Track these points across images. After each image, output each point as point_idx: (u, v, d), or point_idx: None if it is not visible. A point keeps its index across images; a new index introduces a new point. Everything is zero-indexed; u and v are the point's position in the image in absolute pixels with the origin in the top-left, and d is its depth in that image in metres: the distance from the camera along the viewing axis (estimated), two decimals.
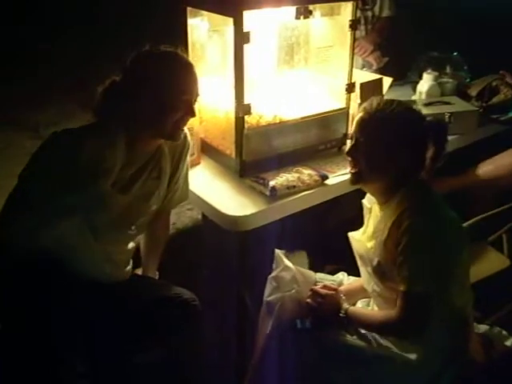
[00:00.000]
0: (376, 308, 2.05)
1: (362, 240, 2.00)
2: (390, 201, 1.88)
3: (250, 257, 2.32)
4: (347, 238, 2.08)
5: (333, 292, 2.02)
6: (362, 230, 2.06)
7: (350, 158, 1.93)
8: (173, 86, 1.90)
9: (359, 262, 2.05)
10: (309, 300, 2.01)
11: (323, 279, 2.23)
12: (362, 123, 1.88)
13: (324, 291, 2.02)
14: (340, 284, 2.22)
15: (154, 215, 2.16)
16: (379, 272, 1.89)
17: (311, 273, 2.22)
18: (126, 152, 1.93)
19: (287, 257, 2.15)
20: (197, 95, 1.99)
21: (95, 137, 1.86)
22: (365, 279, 2.03)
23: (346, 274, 2.27)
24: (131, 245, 2.13)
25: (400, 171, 1.86)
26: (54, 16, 7.09)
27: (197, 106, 2.00)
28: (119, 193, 1.96)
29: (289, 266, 2.10)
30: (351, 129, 1.96)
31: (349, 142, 1.92)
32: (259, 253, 2.24)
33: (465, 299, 1.92)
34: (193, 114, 1.97)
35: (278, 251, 2.14)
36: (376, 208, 1.98)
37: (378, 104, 1.87)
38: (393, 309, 1.86)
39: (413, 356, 1.85)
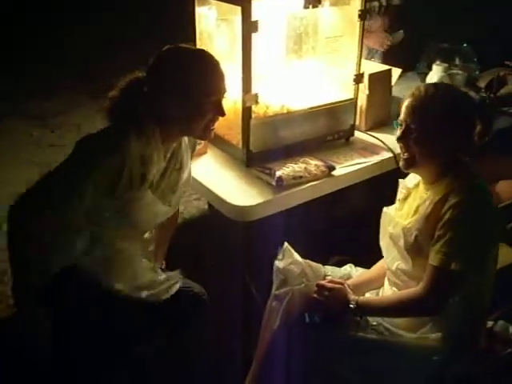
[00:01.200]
0: (393, 289, 2.04)
1: (396, 217, 2.01)
2: (440, 181, 1.89)
3: (256, 247, 2.32)
4: (355, 229, 2.07)
5: (339, 286, 2.01)
6: (395, 207, 2.06)
7: (400, 144, 1.93)
8: (203, 89, 1.85)
9: (386, 240, 2.04)
10: (315, 295, 2.00)
11: (332, 272, 2.22)
12: (412, 109, 1.88)
13: (330, 285, 2.00)
14: (348, 277, 2.20)
15: None
16: (414, 248, 1.88)
17: (320, 266, 2.21)
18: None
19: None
20: (224, 91, 1.93)
21: (137, 139, 1.81)
22: (389, 258, 2.02)
23: (353, 266, 2.26)
24: (151, 247, 2.17)
25: (453, 152, 1.88)
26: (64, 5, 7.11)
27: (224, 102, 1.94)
28: (150, 189, 1.93)
29: (298, 260, 2.09)
30: (400, 113, 1.94)
31: (399, 129, 1.91)
32: (265, 243, 2.24)
33: (487, 289, 1.93)
34: (223, 114, 1.92)
35: (286, 243, 2.13)
36: (421, 189, 1.98)
37: (426, 89, 1.88)
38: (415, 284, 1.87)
39: (425, 342, 1.86)
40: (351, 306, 1.92)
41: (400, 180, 2.11)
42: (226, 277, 2.64)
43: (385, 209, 2.08)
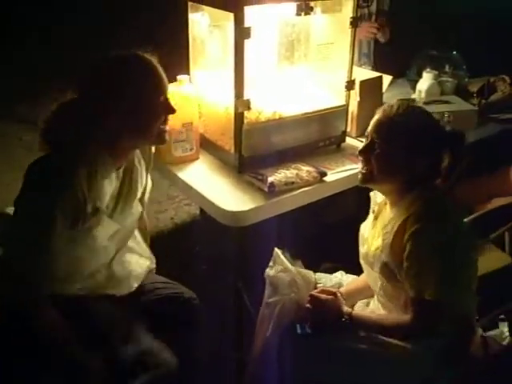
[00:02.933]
0: (379, 306, 2.05)
1: (369, 238, 2.00)
2: (401, 202, 1.87)
3: (248, 252, 2.32)
4: (346, 235, 2.08)
5: (332, 297, 1.99)
6: (370, 223, 2.05)
7: (361, 158, 1.92)
8: (150, 93, 1.82)
9: (363, 260, 2.04)
10: (308, 306, 1.98)
11: (322, 279, 2.23)
12: (379, 125, 1.87)
13: (324, 297, 1.98)
14: (339, 285, 2.20)
15: None
16: (386, 273, 1.88)
17: (310, 273, 2.20)
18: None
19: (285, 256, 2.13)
20: (167, 90, 1.90)
21: (84, 169, 1.73)
22: (370, 277, 2.02)
23: (344, 273, 2.27)
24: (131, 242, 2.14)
25: (411, 176, 1.85)
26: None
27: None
28: (111, 216, 1.91)
29: (288, 268, 2.08)
30: (364, 129, 1.95)
31: (364, 141, 1.91)
32: (257, 248, 2.24)
33: (471, 303, 1.92)
34: (173, 111, 1.91)
35: (277, 250, 2.12)
36: (387, 207, 1.97)
37: (398, 108, 1.86)
38: (397, 307, 1.87)
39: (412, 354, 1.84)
40: (344, 319, 1.91)
41: (371, 193, 2.11)
42: (218, 282, 2.64)
43: (361, 228, 2.08)
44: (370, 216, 2.08)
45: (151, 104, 1.83)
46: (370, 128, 1.91)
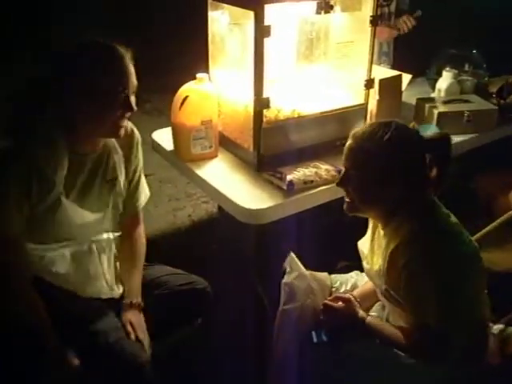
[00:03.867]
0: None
1: (368, 256, 1.97)
2: (390, 224, 1.80)
3: (266, 249, 2.33)
4: (362, 233, 2.07)
5: (346, 304, 1.98)
6: (368, 239, 2.01)
7: (342, 188, 1.85)
8: (106, 83, 1.78)
9: (367, 276, 2.04)
10: (322, 315, 1.98)
11: (338, 281, 2.22)
12: (350, 152, 1.79)
13: (337, 305, 1.97)
14: (354, 286, 2.19)
15: (124, 226, 2.16)
16: (388, 296, 1.85)
17: (326, 277, 2.20)
18: (68, 155, 1.85)
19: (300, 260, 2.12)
20: (134, 87, 1.86)
21: (42, 146, 1.79)
22: (377, 292, 2.00)
23: (359, 273, 2.25)
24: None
25: (396, 199, 1.76)
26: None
27: (133, 99, 1.88)
28: (76, 202, 1.92)
29: (303, 273, 2.07)
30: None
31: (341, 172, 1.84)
32: (275, 246, 2.25)
33: (481, 309, 1.87)
34: (131, 109, 1.86)
35: (292, 254, 2.11)
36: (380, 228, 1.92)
37: (364, 131, 1.76)
38: (403, 320, 1.85)
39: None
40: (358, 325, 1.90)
41: None
42: (235, 280, 2.64)
43: (359, 243, 2.05)
44: (368, 231, 2.03)
45: (106, 94, 1.79)
46: (343, 156, 1.83)
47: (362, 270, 2.22)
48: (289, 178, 2.23)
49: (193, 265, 2.28)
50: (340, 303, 1.99)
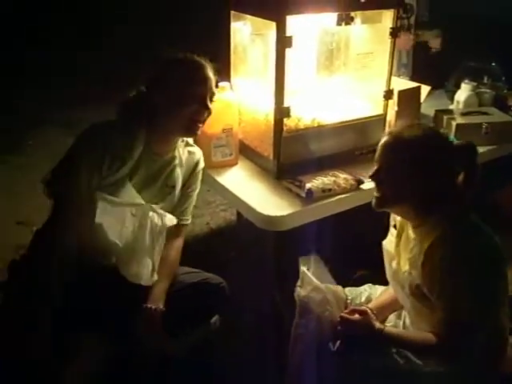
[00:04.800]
0: (408, 320, 2.06)
1: (396, 254, 2.00)
2: (424, 225, 1.84)
3: (284, 257, 2.35)
4: (380, 245, 2.09)
5: (363, 317, 1.97)
6: (394, 239, 2.03)
7: (374, 183, 1.90)
8: (186, 81, 2.02)
9: (390, 278, 2.05)
10: (340, 327, 1.97)
11: (352, 293, 2.23)
12: (385, 148, 1.85)
13: (354, 318, 1.97)
14: (368, 299, 2.20)
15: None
16: (418, 295, 1.86)
17: (340, 289, 2.21)
18: (142, 150, 2.03)
19: (309, 269, 2.13)
20: (212, 93, 2.08)
21: (118, 132, 2.00)
22: (399, 295, 2.02)
23: (372, 286, 2.27)
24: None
25: (426, 197, 1.81)
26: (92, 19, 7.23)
27: (212, 105, 2.09)
28: (136, 188, 2.04)
29: (318, 286, 2.07)
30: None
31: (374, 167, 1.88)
32: (293, 253, 2.27)
33: (503, 315, 1.87)
34: (207, 107, 2.06)
35: (303, 269, 2.12)
36: (409, 228, 1.95)
37: (402, 129, 1.84)
38: (428, 325, 1.86)
39: (444, 370, 1.82)
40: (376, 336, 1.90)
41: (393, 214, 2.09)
42: (254, 286, 2.67)
43: (383, 243, 2.07)
44: (392, 231, 2.06)
45: (183, 91, 2.02)
46: (376, 153, 1.88)
47: (380, 278, 2.25)
48: (308, 186, 2.25)
49: (211, 272, 2.31)
50: (357, 315, 1.99)
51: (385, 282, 2.20)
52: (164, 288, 2.12)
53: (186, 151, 2.23)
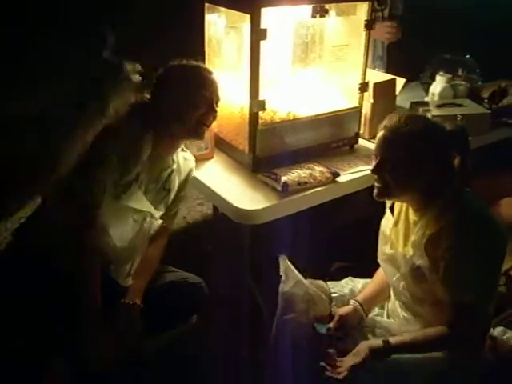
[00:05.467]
0: (397, 306, 2.07)
1: (393, 238, 2.01)
2: (428, 210, 1.87)
3: (260, 251, 2.35)
4: (357, 237, 2.09)
5: (352, 353, 1.85)
6: (391, 222, 2.04)
7: (375, 176, 1.93)
8: (194, 85, 2.08)
9: (385, 261, 2.05)
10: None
11: (334, 287, 2.22)
12: (384, 141, 1.88)
13: (341, 359, 1.85)
14: (352, 292, 2.20)
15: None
16: (417, 276, 1.88)
17: (323, 284, 2.20)
18: (151, 152, 2.06)
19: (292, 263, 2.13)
20: (217, 97, 2.15)
21: (128, 139, 2.00)
22: (392, 277, 2.02)
23: (352, 279, 2.27)
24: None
25: (428, 185, 1.86)
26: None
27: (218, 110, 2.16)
28: (140, 191, 2.07)
29: (301, 280, 2.09)
30: (370, 139, 1.95)
31: (373, 161, 1.91)
32: (270, 247, 2.27)
33: (492, 301, 1.91)
34: (214, 110, 2.13)
35: (285, 261, 2.12)
36: (409, 211, 1.97)
37: (397, 121, 1.86)
38: (421, 308, 1.90)
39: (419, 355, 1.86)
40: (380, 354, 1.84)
41: None
42: (230, 280, 2.66)
43: (382, 225, 2.09)
44: (388, 213, 2.08)
45: (192, 95, 2.07)
46: (375, 147, 1.91)
47: (359, 270, 2.25)
48: (283, 179, 2.25)
49: (188, 266, 2.30)
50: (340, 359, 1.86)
51: (364, 274, 2.21)
52: (142, 285, 2.13)
53: (182, 157, 2.26)
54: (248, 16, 2.18)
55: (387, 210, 2.09)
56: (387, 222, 2.08)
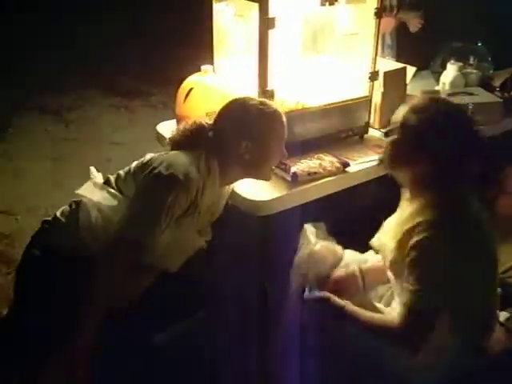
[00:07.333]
0: (391, 297, 2.06)
1: (387, 231, 1.99)
2: (416, 200, 1.84)
3: (271, 241, 2.33)
4: (373, 220, 2.08)
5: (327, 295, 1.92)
6: (395, 217, 2.02)
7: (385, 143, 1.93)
8: (274, 140, 2.04)
9: (377, 250, 2.06)
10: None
11: (350, 256, 2.19)
12: (407, 126, 1.85)
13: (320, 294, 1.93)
14: (365, 260, 2.18)
15: None
16: (394, 269, 1.88)
17: (334, 247, 2.14)
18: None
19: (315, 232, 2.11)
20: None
21: (198, 171, 1.94)
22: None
23: (373, 254, 2.21)
24: None
25: (422, 175, 1.83)
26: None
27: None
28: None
29: (310, 241, 2.06)
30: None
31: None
32: (280, 238, 2.25)
33: (487, 307, 1.89)
34: (284, 157, 2.11)
35: (305, 226, 2.11)
36: (407, 201, 1.94)
37: (423, 104, 1.85)
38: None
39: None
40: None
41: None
42: (239, 273, 2.65)
43: (386, 221, 2.07)
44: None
45: (273, 150, 2.05)
46: (397, 127, 1.90)
47: None
48: (293, 169, 2.24)
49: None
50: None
51: None
52: None
53: None
54: (256, 5, 2.16)
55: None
56: (392, 217, 2.05)
